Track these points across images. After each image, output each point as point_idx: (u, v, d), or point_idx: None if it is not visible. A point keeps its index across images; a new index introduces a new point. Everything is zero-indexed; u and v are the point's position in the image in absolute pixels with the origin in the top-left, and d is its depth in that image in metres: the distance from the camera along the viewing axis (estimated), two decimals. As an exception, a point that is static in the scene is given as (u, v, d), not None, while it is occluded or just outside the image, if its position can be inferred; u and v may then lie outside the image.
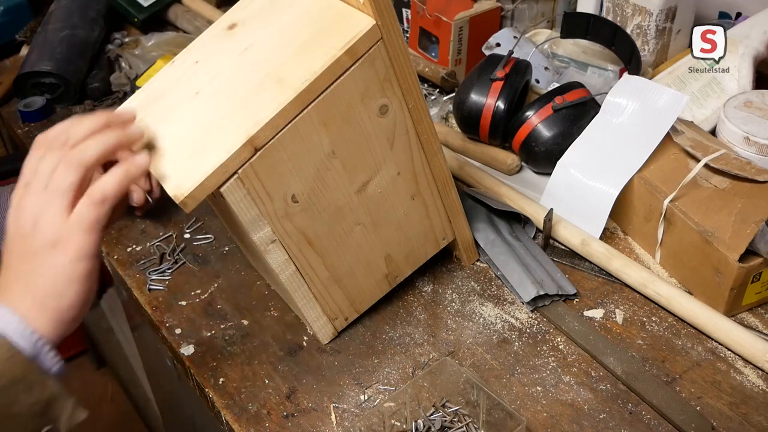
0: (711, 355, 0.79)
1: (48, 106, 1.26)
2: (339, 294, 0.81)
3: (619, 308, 0.85)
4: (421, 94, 0.74)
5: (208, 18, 1.43)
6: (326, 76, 0.67)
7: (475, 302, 0.87)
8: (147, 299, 0.90)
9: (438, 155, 0.79)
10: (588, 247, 0.90)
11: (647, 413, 0.74)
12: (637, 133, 0.93)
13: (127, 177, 0.65)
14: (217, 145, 0.67)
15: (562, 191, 0.95)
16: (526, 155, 1.02)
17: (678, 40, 1.14)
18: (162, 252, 0.96)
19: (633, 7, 1.11)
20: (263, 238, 0.72)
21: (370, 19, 0.67)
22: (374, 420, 0.72)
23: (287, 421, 0.75)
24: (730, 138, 0.93)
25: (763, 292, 0.83)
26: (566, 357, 0.80)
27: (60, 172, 0.64)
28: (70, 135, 0.66)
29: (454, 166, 1.03)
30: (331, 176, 0.73)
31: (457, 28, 1.18)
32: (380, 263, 0.82)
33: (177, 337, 0.85)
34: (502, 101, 1.00)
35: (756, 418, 0.73)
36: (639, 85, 0.95)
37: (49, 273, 0.63)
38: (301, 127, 0.68)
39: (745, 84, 1.04)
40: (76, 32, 1.32)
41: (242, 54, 0.74)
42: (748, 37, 1.05)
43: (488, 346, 0.81)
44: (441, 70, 1.20)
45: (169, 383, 1.29)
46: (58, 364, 0.65)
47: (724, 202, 0.82)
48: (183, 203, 0.66)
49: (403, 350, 0.82)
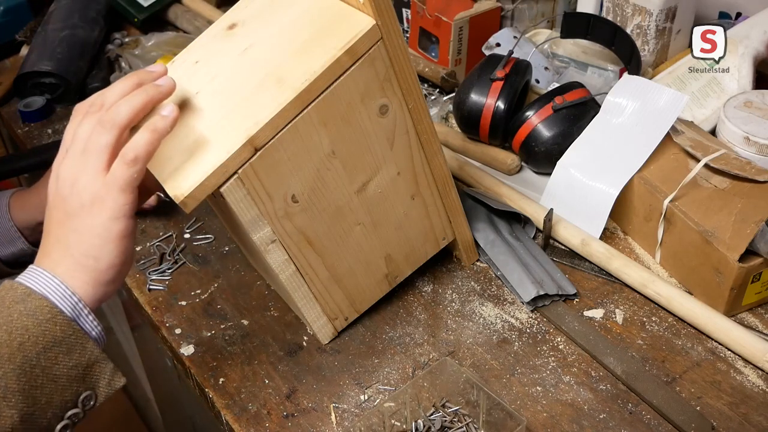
0: (711, 355, 0.79)
1: (48, 106, 1.26)
2: (339, 294, 0.81)
3: (619, 308, 0.85)
4: (421, 94, 0.74)
5: (208, 18, 1.43)
6: (326, 76, 0.67)
7: (475, 302, 0.87)
8: (147, 299, 0.90)
9: (438, 155, 0.79)
10: (588, 247, 0.90)
11: (647, 413, 0.74)
12: (637, 133, 0.93)
13: (155, 132, 0.66)
14: (217, 145, 0.67)
15: (562, 191, 0.95)
16: (526, 155, 1.02)
17: (678, 40, 1.14)
18: (162, 252, 0.96)
19: (633, 7, 1.11)
20: (263, 238, 0.72)
21: (370, 19, 0.67)
22: (374, 420, 0.72)
23: (287, 421, 0.75)
24: (730, 138, 0.93)
25: (763, 292, 0.83)
26: (566, 357, 0.80)
27: (95, 134, 0.65)
28: (105, 98, 0.67)
29: (454, 166, 1.03)
30: (331, 176, 0.73)
31: (457, 28, 1.18)
32: (380, 263, 0.82)
33: (177, 337, 0.85)
34: (502, 101, 1.00)
35: (756, 418, 0.73)
36: (639, 85, 0.95)
37: (87, 233, 0.64)
38: (301, 127, 0.68)
39: (745, 84, 1.04)
40: (76, 32, 1.32)
41: (242, 54, 0.74)
42: (748, 37, 1.05)
43: (488, 346, 0.81)
44: (441, 70, 1.20)
45: (169, 383, 1.29)
46: (98, 328, 0.65)
47: (724, 202, 0.82)
48: (183, 203, 0.66)
49: (403, 350, 0.82)
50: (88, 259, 0.64)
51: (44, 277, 0.63)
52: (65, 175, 0.66)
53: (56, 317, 0.62)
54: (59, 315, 0.62)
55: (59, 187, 0.66)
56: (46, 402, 0.61)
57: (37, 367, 0.60)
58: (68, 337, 0.62)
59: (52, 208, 0.67)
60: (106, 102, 0.67)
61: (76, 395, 0.63)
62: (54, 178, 0.67)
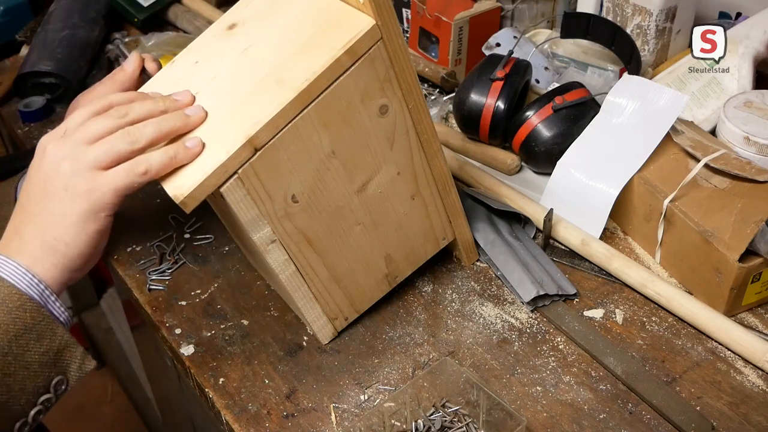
0: (711, 355, 0.79)
1: (48, 106, 1.26)
2: (339, 294, 0.81)
3: (619, 308, 0.85)
4: (421, 94, 0.74)
5: (208, 18, 1.43)
6: (326, 76, 0.67)
7: (475, 302, 0.87)
8: (147, 299, 0.90)
9: (438, 155, 0.79)
10: (588, 247, 0.90)
11: (647, 413, 0.74)
12: (637, 133, 0.93)
13: (174, 159, 0.67)
14: (217, 145, 0.67)
15: (562, 191, 0.95)
16: (526, 155, 1.02)
17: (678, 40, 1.14)
18: (162, 252, 0.96)
19: (633, 7, 1.11)
20: (263, 238, 0.72)
21: (370, 19, 0.67)
22: (374, 420, 0.72)
23: (287, 421, 0.75)
24: (730, 138, 0.93)
25: (763, 292, 0.83)
26: (566, 357, 0.80)
27: (114, 139, 0.66)
28: (132, 111, 0.68)
29: (454, 166, 1.03)
30: (331, 176, 0.73)
31: (457, 28, 1.18)
32: (380, 263, 0.82)
33: (177, 337, 0.85)
34: (502, 101, 1.01)
35: (756, 418, 0.73)
36: (639, 85, 0.95)
37: (63, 219, 0.64)
38: (301, 127, 0.68)
39: (745, 84, 1.04)
40: (76, 32, 1.32)
41: (242, 54, 0.74)
42: (748, 37, 1.05)
43: (488, 346, 0.81)
44: (441, 70, 1.20)
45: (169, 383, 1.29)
46: (65, 314, 0.66)
47: (724, 202, 0.82)
48: (183, 203, 0.66)
49: (403, 350, 0.82)
50: (59, 244, 0.65)
51: (8, 265, 0.63)
52: (55, 153, 0.66)
53: (25, 304, 0.62)
54: (28, 302, 0.62)
55: (44, 163, 0.66)
56: (19, 389, 0.62)
57: (9, 355, 0.61)
58: (38, 324, 0.62)
59: (31, 185, 0.67)
60: (131, 114, 0.68)
61: (48, 380, 0.64)
62: (41, 151, 0.67)
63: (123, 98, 0.70)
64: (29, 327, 0.61)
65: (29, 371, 0.62)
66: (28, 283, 0.63)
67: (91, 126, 0.67)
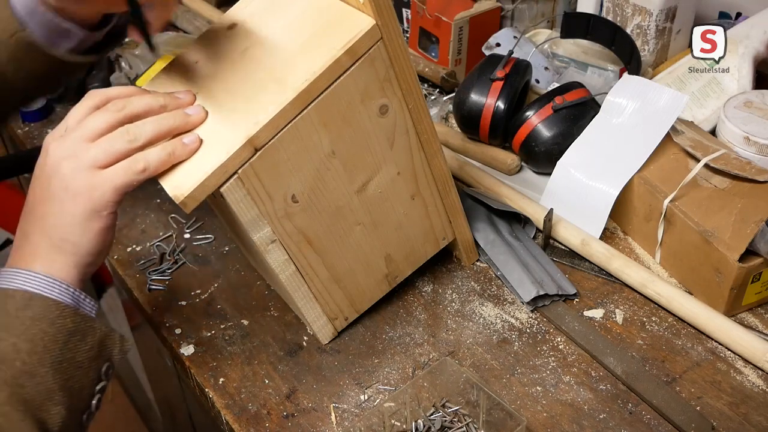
0: (711, 355, 0.79)
1: (48, 106, 1.26)
2: (339, 294, 0.81)
3: (619, 308, 0.85)
4: (421, 94, 0.74)
5: (208, 18, 1.43)
6: (326, 76, 0.67)
7: (475, 302, 0.87)
8: (147, 299, 0.90)
9: (438, 155, 0.79)
10: (588, 247, 0.90)
11: (647, 413, 0.74)
12: (637, 133, 0.93)
13: (172, 155, 0.67)
14: (217, 145, 0.67)
15: (562, 191, 0.95)
16: (526, 155, 1.02)
17: (678, 40, 1.14)
18: (162, 252, 0.96)
19: (633, 7, 1.11)
20: (263, 238, 0.72)
21: (370, 19, 0.67)
22: (374, 420, 0.72)
23: (287, 421, 0.75)
24: (730, 138, 0.93)
25: (763, 292, 0.83)
26: (566, 357, 0.80)
27: (113, 137, 0.66)
28: (130, 104, 0.68)
29: (454, 166, 1.03)
30: (331, 176, 0.73)
31: (457, 28, 1.18)
32: (380, 263, 0.82)
33: (177, 337, 0.85)
34: (502, 101, 1.00)
35: (756, 418, 0.73)
36: (639, 85, 0.95)
37: (66, 220, 0.65)
38: (301, 127, 0.68)
39: (745, 84, 1.04)
40: (76, 32, 1.32)
41: (242, 54, 0.74)
42: (748, 37, 1.05)
43: (488, 346, 0.81)
44: (441, 70, 1.20)
45: (169, 383, 1.29)
46: (95, 306, 0.68)
47: (724, 202, 0.82)
48: (183, 203, 0.66)
49: (403, 350, 0.82)
50: (66, 244, 0.66)
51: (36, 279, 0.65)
52: (56, 153, 0.67)
53: (63, 311, 0.64)
54: (66, 308, 0.64)
55: (46, 164, 0.67)
56: (79, 387, 0.65)
57: (64, 362, 0.63)
58: (79, 325, 0.65)
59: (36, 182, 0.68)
60: (128, 109, 0.68)
61: (99, 371, 0.67)
62: (44, 151, 0.68)
63: (122, 92, 0.70)
64: (72, 331, 0.64)
65: (83, 369, 0.65)
66: (59, 290, 0.65)
67: (90, 122, 0.67)
